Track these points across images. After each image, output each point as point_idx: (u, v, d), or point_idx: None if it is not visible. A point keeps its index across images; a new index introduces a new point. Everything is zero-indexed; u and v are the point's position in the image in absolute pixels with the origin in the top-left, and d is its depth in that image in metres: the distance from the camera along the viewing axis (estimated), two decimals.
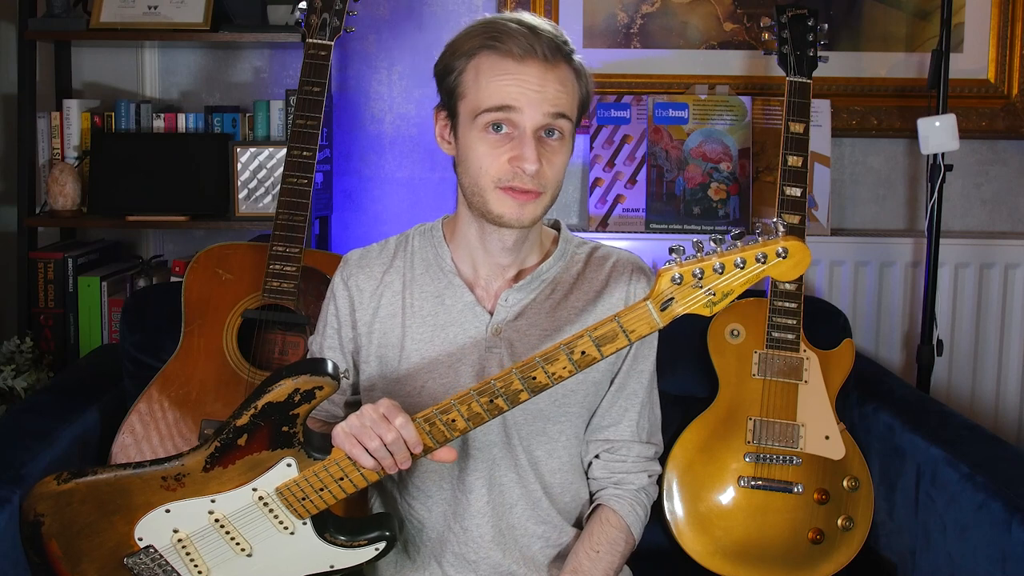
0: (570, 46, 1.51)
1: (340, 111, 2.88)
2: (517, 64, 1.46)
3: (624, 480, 1.66)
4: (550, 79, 1.46)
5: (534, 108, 1.45)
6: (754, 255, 1.31)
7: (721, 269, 1.32)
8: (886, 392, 2.23)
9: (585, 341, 1.36)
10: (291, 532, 1.46)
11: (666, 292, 1.34)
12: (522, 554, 1.60)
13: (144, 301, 2.29)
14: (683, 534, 2.04)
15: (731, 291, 1.34)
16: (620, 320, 1.35)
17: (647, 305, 1.35)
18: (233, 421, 1.43)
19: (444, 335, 1.58)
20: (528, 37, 1.45)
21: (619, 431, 1.66)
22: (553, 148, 1.49)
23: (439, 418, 1.39)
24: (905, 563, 2.00)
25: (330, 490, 1.43)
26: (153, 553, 1.48)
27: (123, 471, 1.48)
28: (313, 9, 2.16)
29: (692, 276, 1.32)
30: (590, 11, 2.85)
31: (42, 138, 2.73)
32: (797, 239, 1.33)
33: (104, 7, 2.65)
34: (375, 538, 1.49)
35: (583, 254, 1.65)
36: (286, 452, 1.43)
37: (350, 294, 1.62)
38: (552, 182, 1.50)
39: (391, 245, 1.65)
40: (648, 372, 1.67)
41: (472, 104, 1.48)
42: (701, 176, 2.76)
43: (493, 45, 1.46)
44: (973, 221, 2.94)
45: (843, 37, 2.85)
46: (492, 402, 1.39)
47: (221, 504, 1.46)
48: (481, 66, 1.48)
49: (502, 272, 1.59)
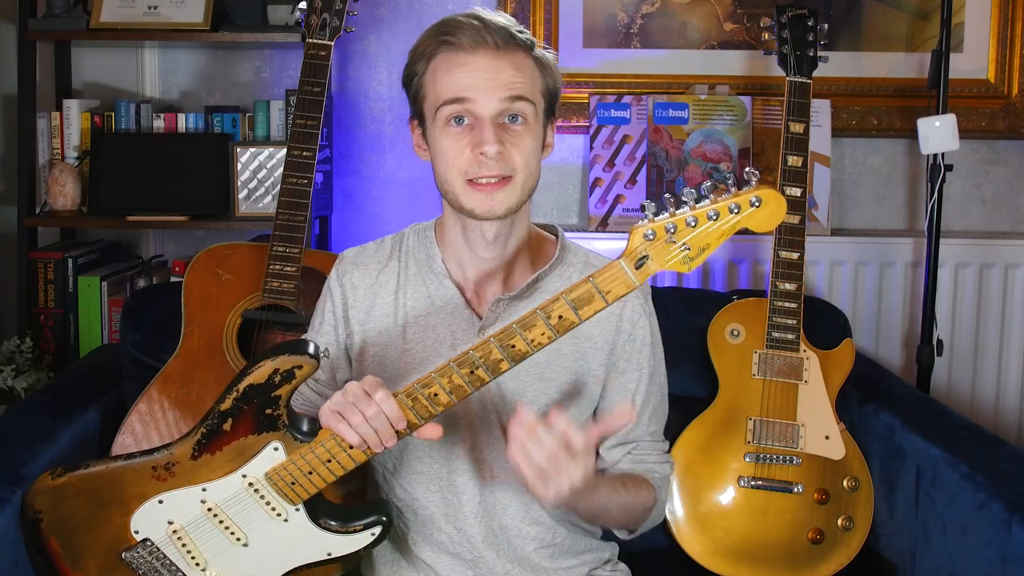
0: (525, 35, 1.51)
1: (340, 111, 2.88)
2: (468, 55, 1.47)
3: (652, 470, 1.67)
4: (503, 65, 1.47)
5: (489, 95, 1.46)
6: (727, 206, 1.28)
7: (695, 222, 1.28)
8: (886, 392, 2.23)
9: (561, 304, 1.34)
10: (285, 519, 1.46)
11: (639, 249, 1.31)
12: (516, 555, 1.60)
13: (144, 301, 2.29)
14: (683, 534, 2.04)
15: (707, 245, 1.30)
16: (594, 280, 1.33)
17: (620, 263, 1.32)
18: (217, 406, 1.44)
19: (435, 336, 1.58)
20: (478, 28, 1.47)
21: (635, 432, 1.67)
22: (517, 132, 1.48)
23: (421, 392, 1.38)
24: (905, 563, 2.00)
25: (319, 473, 1.43)
26: (150, 547, 1.48)
27: (114, 463, 1.49)
28: (313, 9, 2.16)
29: (665, 231, 1.29)
30: (590, 11, 2.85)
31: (42, 138, 2.73)
32: (771, 188, 1.29)
33: (104, 7, 2.65)
34: (371, 523, 1.49)
35: (578, 261, 1.63)
36: (272, 436, 1.43)
37: (344, 292, 1.63)
38: (521, 166, 1.48)
39: (387, 244, 1.65)
40: (647, 373, 1.66)
41: (432, 101, 1.50)
42: (701, 176, 2.76)
43: (446, 41, 1.48)
44: (973, 221, 2.94)
45: (843, 37, 2.85)
46: (473, 373, 1.37)
47: (212, 493, 1.46)
48: (438, 65, 1.49)
49: (491, 275, 1.58)
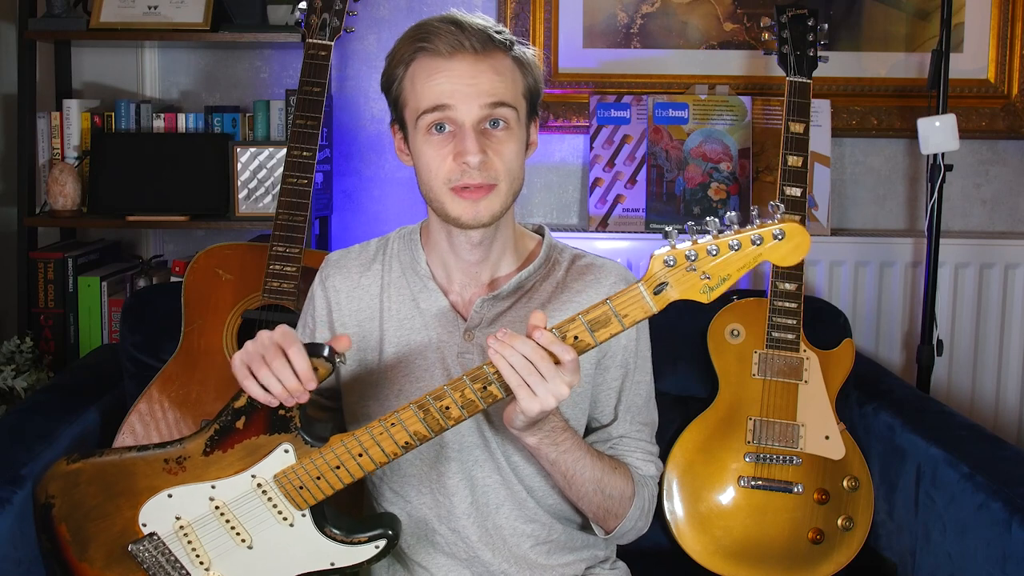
0: (505, 36, 1.49)
1: (340, 111, 2.88)
2: (446, 61, 1.45)
3: (634, 466, 1.62)
4: (483, 70, 1.46)
5: (469, 102, 1.45)
6: (750, 237, 1.27)
7: (716, 251, 1.28)
8: (886, 392, 2.23)
9: (577, 325, 1.33)
10: (290, 524, 1.46)
11: (659, 275, 1.30)
12: (512, 553, 1.60)
13: (144, 301, 2.29)
14: (683, 534, 2.04)
15: (728, 276, 1.29)
16: (612, 303, 1.32)
17: (639, 287, 1.31)
18: (232, 403, 1.44)
19: (419, 338, 1.57)
20: (454, 33, 1.45)
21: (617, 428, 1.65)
22: (499, 138, 1.47)
23: (432, 404, 1.38)
24: (905, 563, 2.00)
25: (327, 479, 1.43)
26: (156, 541, 1.49)
27: (128, 453, 1.49)
28: (313, 9, 2.16)
29: (686, 258, 1.29)
30: (590, 11, 2.85)
31: (42, 138, 2.73)
32: (795, 221, 1.27)
33: (104, 7, 2.65)
34: (376, 536, 1.49)
35: (565, 261, 1.62)
36: (283, 437, 1.43)
37: (327, 295, 1.62)
38: (504, 173, 1.47)
39: (371, 247, 1.65)
40: (631, 370, 1.65)
41: (412, 109, 1.49)
42: (701, 176, 2.76)
43: (423, 47, 1.47)
44: (973, 221, 2.94)
45: (843, 37, 2.85)
46: (485, 389, 1.36)
47: (221, 491, 1.46)
48: (416, 71, 1.48)
49: (476, 277, 1.58)
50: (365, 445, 1.41)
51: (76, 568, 1.51)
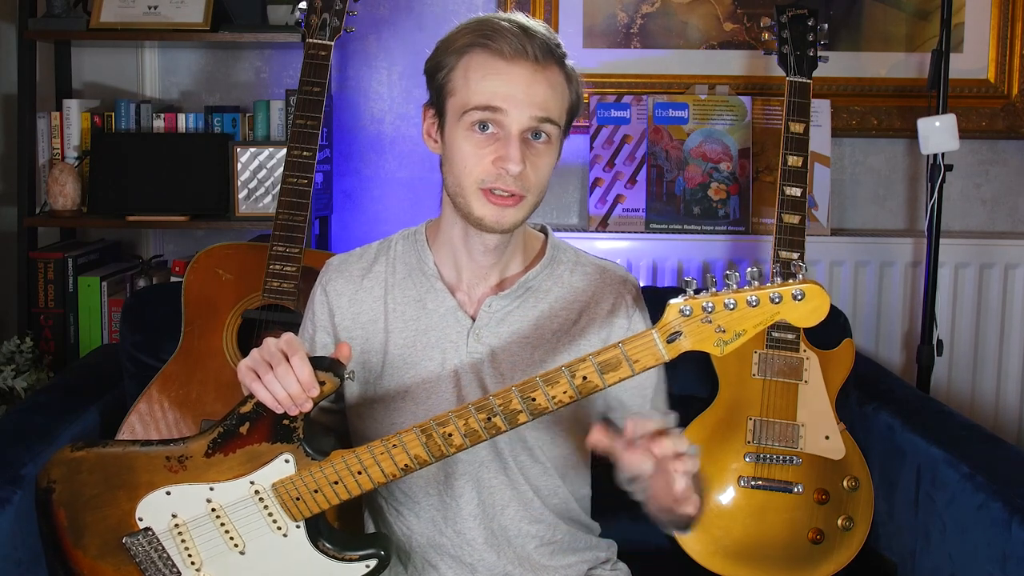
0: (562, 49, 1.49)
1: (340, 111, 2.88)
2: (507, 64, 1.44)
3: None
4: (539, 80, 1.45)
5: (521, 109, 1.44)
6: (768, 295, 1.27)
7: (733, 306, 1.27)
8: (886, 392, 2.23)
9: (588, 366, 1.33)
10: (284, 534, 1.47)
11: (673, 324, 1.30)
12: (517, 554, 1.60)
13: (144, 301, 2.30)
14: (683, 534, 2.04)
15: (743, 331, 1.28)
16: (624, 347, 1.32)
17: (652, 335, 1.31)
18: (238, 408, 1.45)
19: (426, 339, 1.57)
20: (520, 37, 1.44)
21: None
22: (538, 151, 1.47)
23: (436, 430, 1.38)
24: (905, 563, 2.00)
25: (324, 493, 1.43)
26: (151, 536, 1.49)
27: (131, 446, 1.50)
28: (313, 9, 2.16)
29: (702, 310, 1.28)
30: (590, 11, 2.85)
31: (42, 138, 2.73)
32: (816, 283, 1.27)
33: (104, 7, 2.65)
34: (368, 555, 1.48)
35: (568, 261, 1.63)
36: (284, 447, 1.43)
37: (329, 299, 1.62)
38: (535, 186, 1.48)
39: (372, 250, 1.65)
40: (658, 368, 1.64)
41: (460, 102, 1.47)
42: (701, 176, 2.76)
43: (484, 43, 1.45)
44: (973, 221, 2.94)
45: (843, 37, 2.85)
46: (490, 420, 1.36)
47: (219, 493, 1.46)
48: (471, 64, 1.46)
49: (485, 277, 1.57)
50: (365, 463, 1.41)
51: (70, 555, 1.51)
